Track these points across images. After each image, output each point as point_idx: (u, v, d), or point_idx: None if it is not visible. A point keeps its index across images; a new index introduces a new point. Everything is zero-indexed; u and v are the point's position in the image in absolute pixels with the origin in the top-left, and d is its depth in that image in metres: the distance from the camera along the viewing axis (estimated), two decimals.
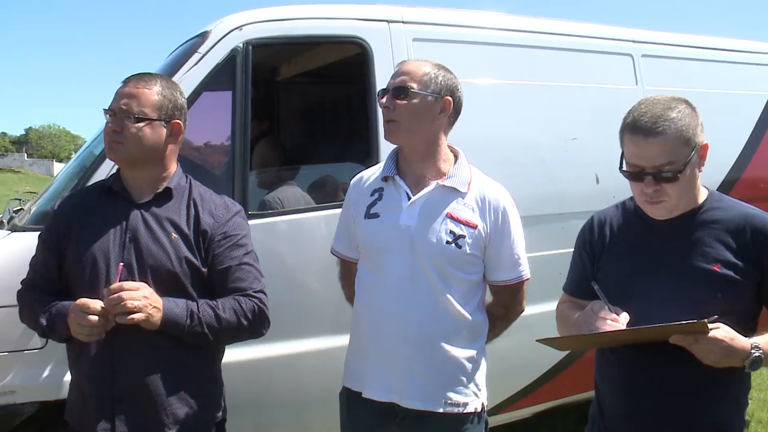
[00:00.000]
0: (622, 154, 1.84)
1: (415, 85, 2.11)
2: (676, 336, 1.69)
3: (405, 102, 2.11)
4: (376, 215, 2.17)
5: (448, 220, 2.11)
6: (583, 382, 2.24)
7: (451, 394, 2.12)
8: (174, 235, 2.08)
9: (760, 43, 4.71)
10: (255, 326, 2.15)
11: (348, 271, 2.39)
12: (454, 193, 2.14)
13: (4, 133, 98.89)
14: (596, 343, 1.90)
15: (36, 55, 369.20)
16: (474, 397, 2.17)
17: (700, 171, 1.83)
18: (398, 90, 2.12)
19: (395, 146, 2.23)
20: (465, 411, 2.15)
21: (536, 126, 3.58)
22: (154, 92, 2.10)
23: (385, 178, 2.20)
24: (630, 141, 1.78)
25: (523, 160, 3.51)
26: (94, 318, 1.90)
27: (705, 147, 1.80)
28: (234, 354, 2.37)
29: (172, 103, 2.13)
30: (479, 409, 2.19)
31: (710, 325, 1.65)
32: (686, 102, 1.81)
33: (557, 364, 3.66)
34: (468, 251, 2.11)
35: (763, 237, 1.79)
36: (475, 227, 2.12)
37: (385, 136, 2.19)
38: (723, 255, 1.79)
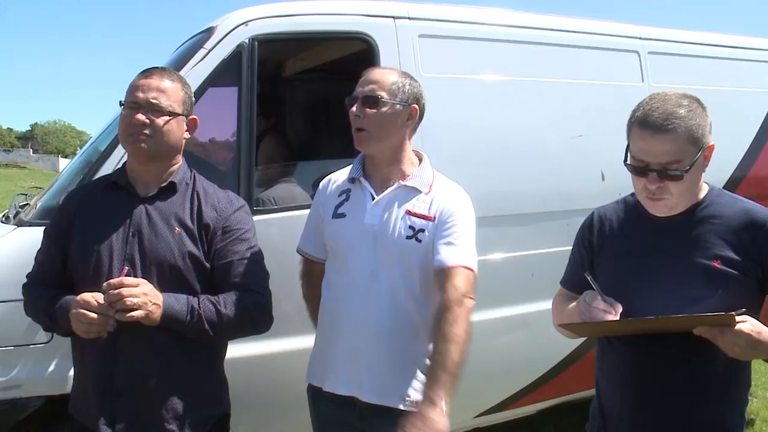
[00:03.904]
0: (628, 147, 1.83)
1: (384, 94, 2.15)
2: (701, 328, 1.68)
3: (375, 111, 2.14)
4: (342, 215, 2.22)
5: (408, 216, 2.15)
6: (587, 378, 2.24)
7: (411, 391, 2.13)
8: (177, 229, 2.09)
9: (767, 40, 4.69)
10: (257, 322, 2.16)
11: (311, 270, 2.42)
12: (415, 191, 2.18)
13: (10, 129, 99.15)
14: (618, 330, 1.88)
15: (42, 51, 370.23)
16: None
17: (703, 171, 1.82)
18: (368, 99, 2.15)
19: None
20: None
21: (542, 123, 3.58)
22: (179, 87, 2.14)
23: (352, 180, 2.26)
24: (638, 135, 1.77)
25: (529, 157, 3.51)
26: (93, 315, 1.91)
27: (711, 148, 1.79)
28: (236, 350, 2.37)
29: (190, 99, 2.19)
30: None
31: (737, 318, 1.64)
32: (698, 101, 1.80)
33: (561, 361, 3.67)
34: (427, 243, 2.14)
35: (763, 233, 1.78)
36: (432, 219, 2.15)
37: (354, 144, 2.21)
38: (723, 251, 1.79)
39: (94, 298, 1.93)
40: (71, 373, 2.47)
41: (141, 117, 2.04)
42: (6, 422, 2.62)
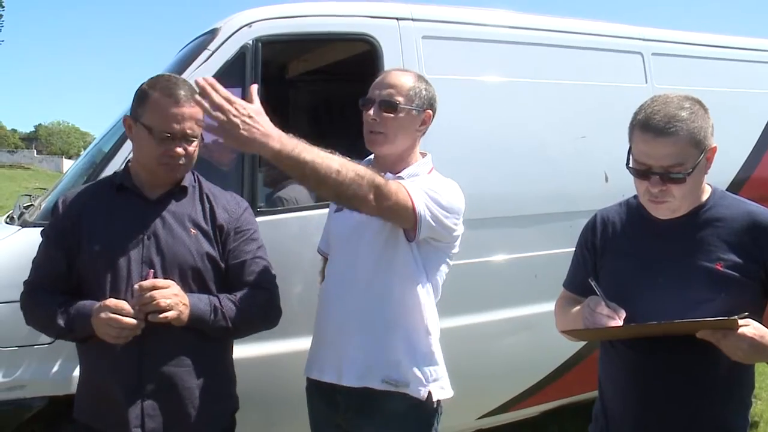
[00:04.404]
0: (629, 149, 1.83)
1: (402, 99, 2.17)
2: (704, 331, 1.68)
3: (392, 116, 2.16)
4: (341, 209, 2.26)
5: None
6: (591, 380, 2.24)
7: (391, 373, 2.14)
8: (193, 231, 2.12)
9: None
10: (269, 317, 2.24)
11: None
12: (400, 179, 2.18)
13: (14, 130, 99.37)
14: (622, 335, 1.88)
15: (46, 52, 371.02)
16: (419, 384, 2.15)
17: (706, 173, 1.82)
18: (385, 103, 2.16)
19: None
20: (407, 393, 2.13)
21: (545, 124, 3.58)
22: (198, 109, 2.11)
23: None
24: (640, 139, 1.77)
25: (532, 159, 3.51)
26: (131, 321, 1.92)
27: (713, 150, 1.78)
28: (242, 351, 2.38)
29: None
30: (424, 397, 2.14)
31: (740, 322, 1.64)
32: (699, 103, 1.79)
33: (565, 363, 3.67)
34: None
35: (766, 235, 1.78)
36: None
37: (366, 145, 2.23)
38: (726, 253, 1.79)
39: (125, 303, 1.94)
40: (75, 373, 2.47)
41: (180, 150, 2.05)
42: (10, 422, 2.62)
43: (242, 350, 2.36)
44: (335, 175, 1.83)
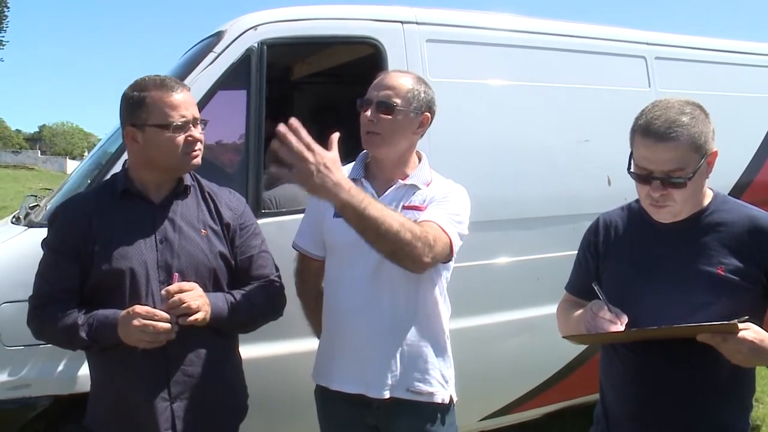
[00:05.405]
0: (631, 154, 1.84)
1: (399, 101, 2.17)
2: (704, 335, 1.68)
3: (389, 117, 2.16)
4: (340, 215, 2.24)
5: (404, 211, 2.16)
6: (593, 383, 2.25)
7: (416, 383, 2.18)
8: (204, 231, 2.12)
9: None
10: (279, 308, 2.28)
11: (305, 267, 2.42)
12: (414, 188, 2.22)
13: (19, 131, 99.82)
14: (623, 339, 1.89)
15: (50, 53, 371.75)
16: (440, 388, 2.22)
17: (707, 178, 1.83)
18: (382, 104, 2.17)
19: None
20: (432, 401, 2.20)
21: (548, 128, 3.59)
22: (190, 94, 2.15)
23: (353, 180, 2.24)
24: (641, 144, 1.77)
25: (535, 162, 3.52)
26: (167, 326, 1.92)
27: (714, 154, 1.79)
28: (245, 352, 2.38)
29: None
30: (446, 401, 2.23)
31: (740, 326, 1.65)
32: (700, 108, 1.80)
33: (567, 365, 3.67)
34: None
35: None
36: (423, 209, 2.17)
37: (363, 145, 2.24)
38: (727, 258, 1.79)
39: (154, 309, 1.94)
40: (80, 372, 2.49)
41: (198, 134, 2.08)
42: (15, 421, 2.63)
43: (246, 352, 2.37)
44: (393, 235, 1.88)
